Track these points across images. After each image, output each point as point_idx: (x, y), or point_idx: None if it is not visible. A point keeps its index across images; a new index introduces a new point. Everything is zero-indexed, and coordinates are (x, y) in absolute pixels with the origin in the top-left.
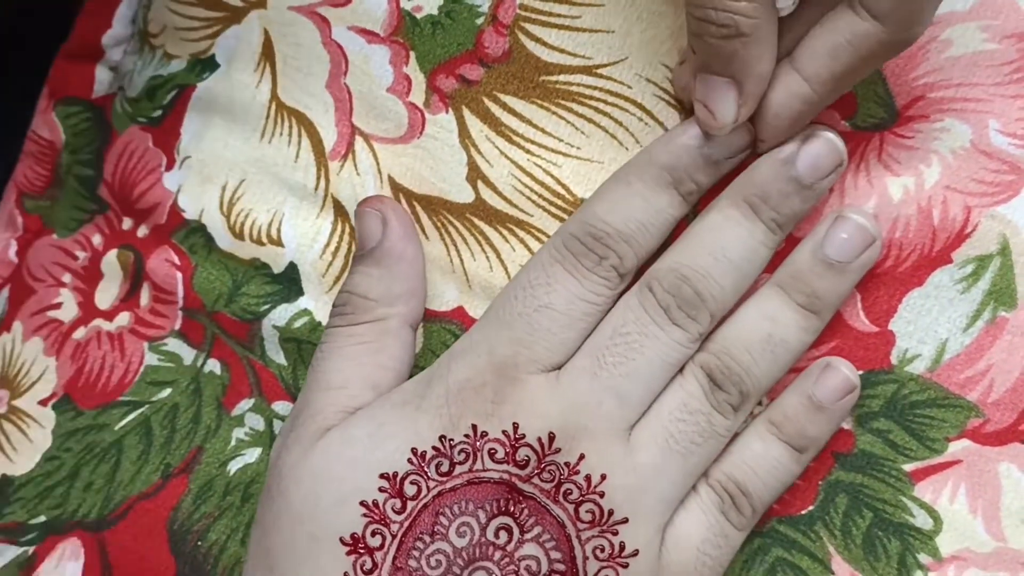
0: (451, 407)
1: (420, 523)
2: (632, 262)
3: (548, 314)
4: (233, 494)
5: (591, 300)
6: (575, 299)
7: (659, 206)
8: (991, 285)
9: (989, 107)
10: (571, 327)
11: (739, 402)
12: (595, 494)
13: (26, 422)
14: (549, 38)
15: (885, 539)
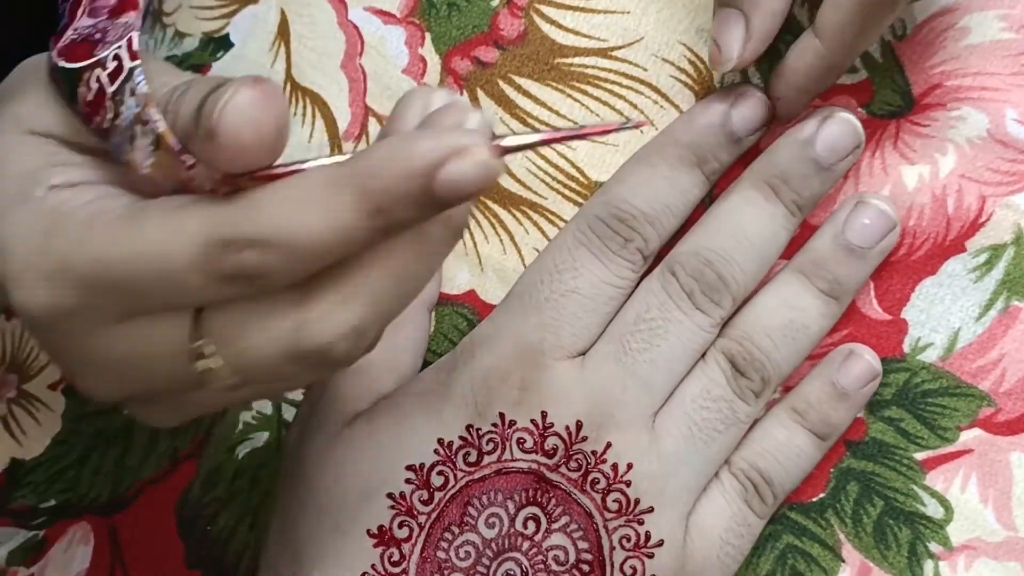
0: (477, 396)
1: (448, 514)
2: (656, 244)
3: (575, 299)
4: (242, 479)
5: (616, 284)
6: (601, 283)
7: (683, 187)
8: (1005, 274)
9: (1006, 96)
10: (596, 311)
11: (760, 388)
12: (622, 483)
13: (36, 406)
14: (564, 20)
15: (896, 527)
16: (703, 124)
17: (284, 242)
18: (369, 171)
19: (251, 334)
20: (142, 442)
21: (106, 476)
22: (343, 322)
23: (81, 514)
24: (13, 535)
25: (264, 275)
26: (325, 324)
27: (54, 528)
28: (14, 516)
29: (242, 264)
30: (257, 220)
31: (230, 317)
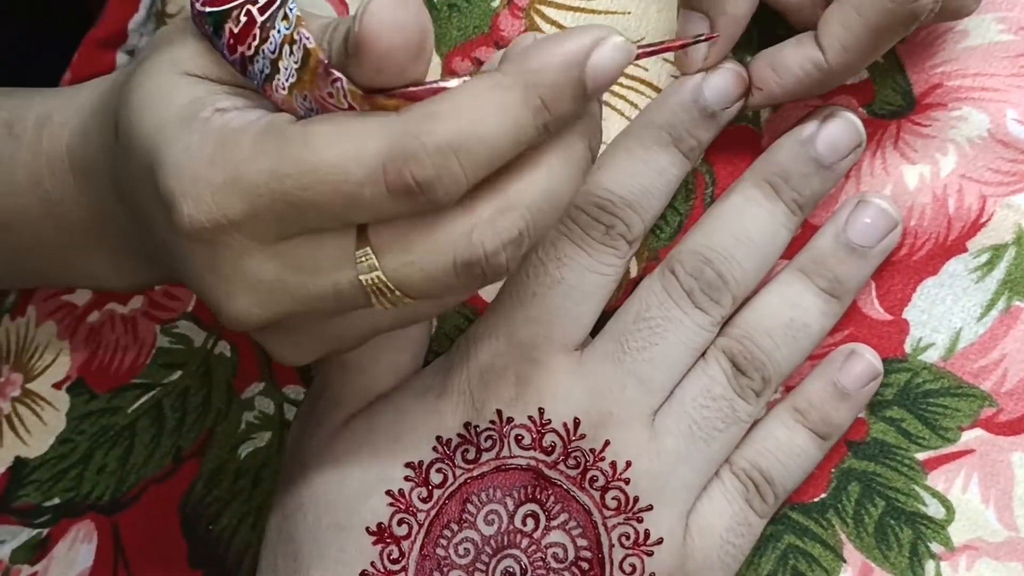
0: (474, 393)
1: (447, 511)
2: (639, 228)
3: (562, 290)
4: (244, 478)
5: (602, 272)
6: (587, 272)
7: (660, 167)
8: (1006, 275)
9: (1007, 96)
10: (585, 301)
11: (761, 387)
12: (620, 481)
13: (40, 405)
14: (565, 20)
15: (897, 528)
16: (675, 102)
17: (464, 147)
18: (531, 69)
19: (418, 247)
20: (145, 441)
21: (109, 475)
22: (507, 230)
23: (84, 512)
24: (17, 533)
25: (439, 186)
26: (490, 232)
27: (58, 526)
28: (18, 514)
29: (419, 176)
30: (436, 130)
31: (396, 231)
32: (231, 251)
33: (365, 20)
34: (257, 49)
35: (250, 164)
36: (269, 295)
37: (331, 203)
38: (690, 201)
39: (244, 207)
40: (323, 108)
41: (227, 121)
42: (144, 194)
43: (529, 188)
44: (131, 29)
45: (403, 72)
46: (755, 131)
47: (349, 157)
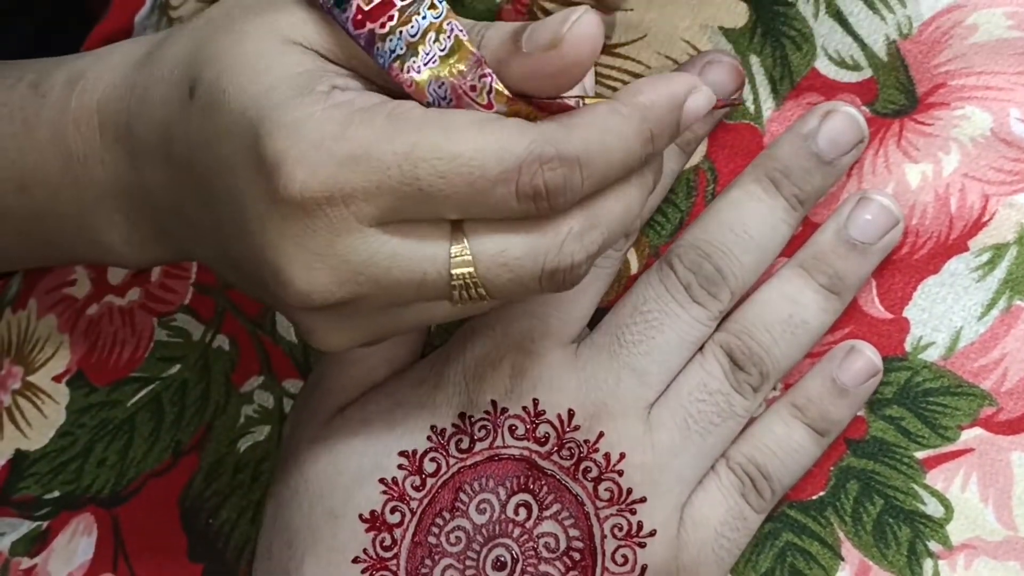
0: (469, 384)
1: (440, 500)
2: (636, 221)
3: None
4: (243, 472)
5: (599, 264)
6: None
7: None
8: (1007, 274)
9: (1011, 96)
10: (581, 294)
11: (759, 383)
12: (614, 472)
13: (40, 398)
14: None
15: (896, 526)
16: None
17: (589, 162)
18: (644, 103)
19: (514, 250)
20: (144, 434)
21: (109, 468)
22: (592, 244)
23: (84, 505)
24: (17, 526)
25: (561, 194)
26: (578, 245)
27: (57, 519)
28: (18, 507)
29: (549, 182)
30: (571, 141)
31: (495, 232)
32: (330, 225)
33: (575, 29)
34: (393, 29)
35: (383, 143)
36: (352, 275)
37: (459, 195)
38: (691, 198)
39: (366, 184)
40: (457, 99)
41: (350, 99)
42: (225, 154)
43: (612, 209)
44: (137, 23)
45: (561, 85)
46: (757, 128)
47: (490, 153)
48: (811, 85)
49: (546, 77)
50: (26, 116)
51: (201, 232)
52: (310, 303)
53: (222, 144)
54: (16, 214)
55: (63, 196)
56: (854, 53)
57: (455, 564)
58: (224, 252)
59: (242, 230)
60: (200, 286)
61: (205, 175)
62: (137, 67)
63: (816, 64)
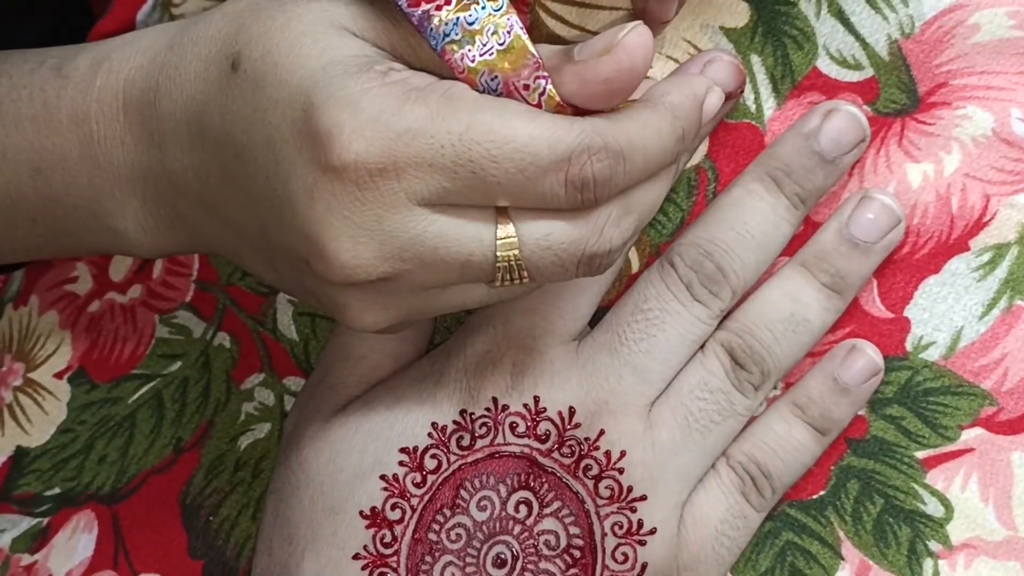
0: (470, 380)
1: (440, 497)
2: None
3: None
4: (244, 469)
5: None
6: None
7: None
8: (1008, 274)
9: (1012, 96)
10: (582, 292)
11: (760, 382)
12: (614, 470)
13: (42, 395)
14: (569, 16)
15: (896, 526)
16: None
17: (632, 157)
18: (675, 103)
19: (558, 235)
20: (145, 431)
21: (110, 465)
22: (627, 229)
23: (85, 502)
24: (17, 522)
25: (606, 185)
26: (616, 231)
27: (58, 516)
28: (18, 503)
29: (597, 173)
30: (617, 136)
31: (541, 217)
32: (380, 199)
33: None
34: (450, 14)
35: (439, 123)
36: (398, 251)
37: (510, 181)
38: (692, 197)
39: (419, 160)
40: (507, 94)
41: (407, 78)
42: (271, 126)
43: (645, 197)
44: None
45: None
46: (758, 128)
47: (543, 141)
48: (812, 84)
49: (599, 83)
50: (46, 98)
51: (225, 215)
52: (352, 278)
53: (268, 116)
54: (30, 199)
55: (80, 180)
56: (856, 52)
57: (455, 561)
58: (251, 234)
59: (283, 205)
60: (202, 283)
61: (244, 149)
62: (167, 47)
63: (817, 63)
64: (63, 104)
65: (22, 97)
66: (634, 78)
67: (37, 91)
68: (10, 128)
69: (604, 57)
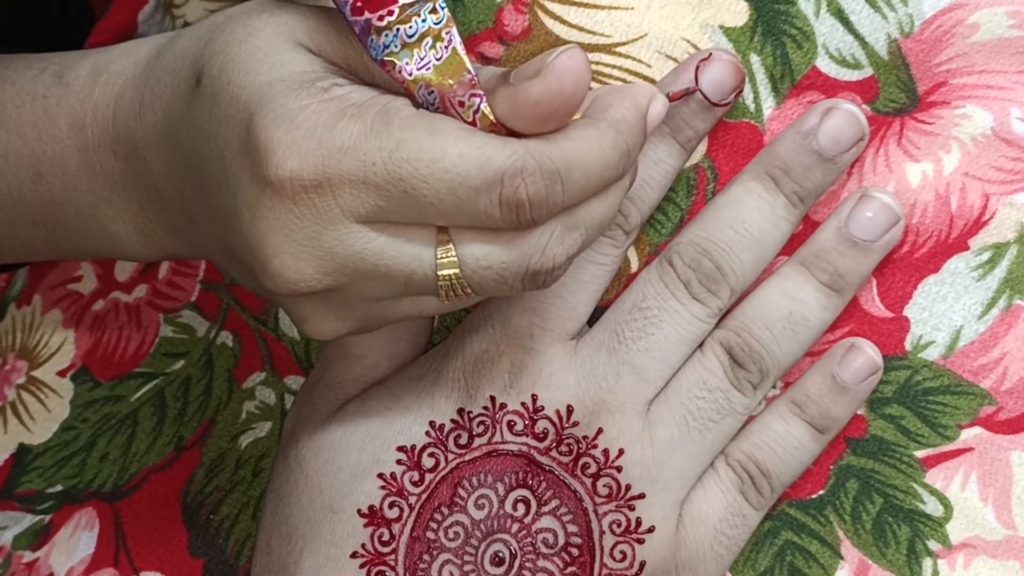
0: (468, 379)
1: (438, 495)
2: (636, 218)
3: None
4: (244, 468)
5: (599, 261)
6: (583, 261)
7: (658, 157)
8: (1007, 273)
9: (1011, 95)
10: (581, 290)
11: (758, 380)
12: (612, 468)
13: (44, 392)
14: (568, 16)
15: (895, 525)
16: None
17: (569, 176)
18: (617, 119)
19: (498, 253)
20: (147, 430)
21: (112, 463)
22: (572, 245)
23: (87, 500)
24: (19, 519)
25: (542, 206)
26: (560, 247)
27: (60, 513)
28: (21, 500)
29: (532, 195)
30: (552, 156)
31: (480, 235)
32: (317, 215)
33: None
34: (391, 25)
35: (371, 140)
36: (338, 267)
37: (442, 201)
38: (692, 196)
39: (352, 177)
40: (444, 109)
41: (346, 94)
42: (222, 142)
43: (591, 211)
44: (141, 20)
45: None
46: (757, 127)
47: (472, 162)
48: (812, 83)
49: (529, 106)
50: (47, 105)
51: (199, 223)
52: (296, 290)
53: (220, 132)
54: (31, 203)
55: (79, 186)
56: (855, 51)
57: (453, 559)
58: (220, 242)
59: (234, 218)
60: (207, 283)
61: (204, 164)
62: (155, 59)
63: (817, 62)
64: (63, 112)
65: (24, 103)
66: (565, 101)
67: (39, 97)
68: (12, 134)
69: (534, 80)
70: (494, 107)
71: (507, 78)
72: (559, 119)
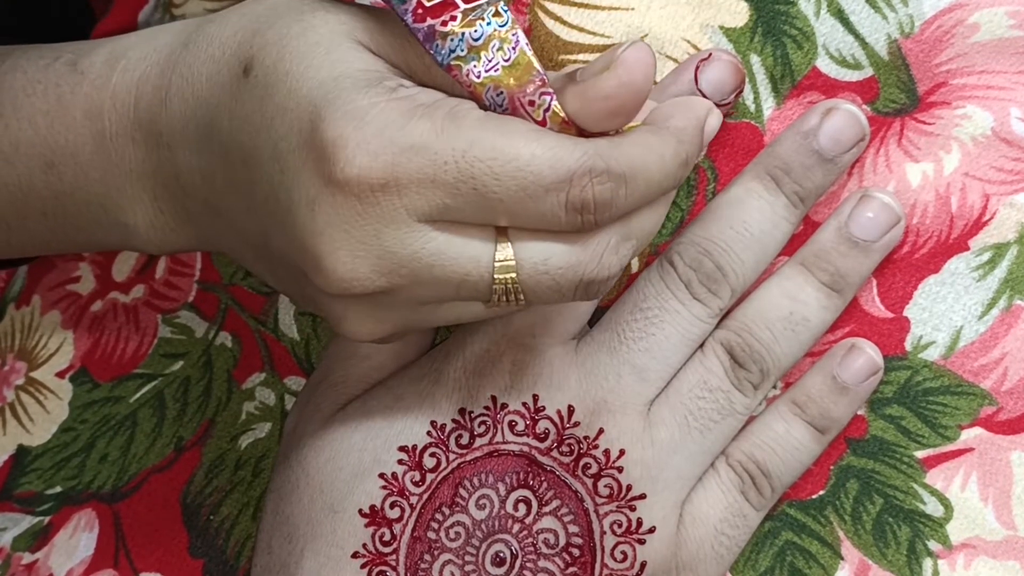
0: (469, 379)
1: (440, 495)
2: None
3: None
4: (244, 469)
5: None
6: None
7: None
8: (1007, 273)
9: (1012, 95)
10: None
11: (759, 380)
12: (613, 469)
13: (43, 394)
14: (568, 17)
15: (895, 525)
16: (673, 93)
17: (633, 181)
18: (679, 127)
19: (556, 260)
20: (147, 431)
21: (111, 464)
22: (625, 256)
23: (86, 501)
24: (19, 521)
25: (606, 209)
26: (615, 258)
27: (59, 514)
28: (20, 502)
29: (598, 196)
30: (620, 159)
31: (539, 241)
32: (381, 214)
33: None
34: (455, 30)
35: (443, 139)
36: (395, 267)
37: (511, 199)
38: (692, 197)
39: (421, 176)
40: (513, 110)
41: (414, 94)
42: (278, 134)
43: (644, 223)
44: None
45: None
46: (758, 127)
47: (545, 160)
48: (812, 84)
49: (600, 100)
50: (61, 93)
51: (229, 218)
52: (349, 290)
53: (276, 124)
54: (42, 193)
55: (92, 175)
56: (855, 52)
57: (454, 559)
58: (254, 239)
59: (284, 214)
60: (204, 283)
61: (250, 156)
62: (183, 45)
63: (817, 63)
64: (78, 100)
65: (36, 92)
66: (635, 94)
67: (52, 86)
68: (24, 122)
69: (604, 74)
70: (564, 105)
71: (574, 77)
72: (628, 114)
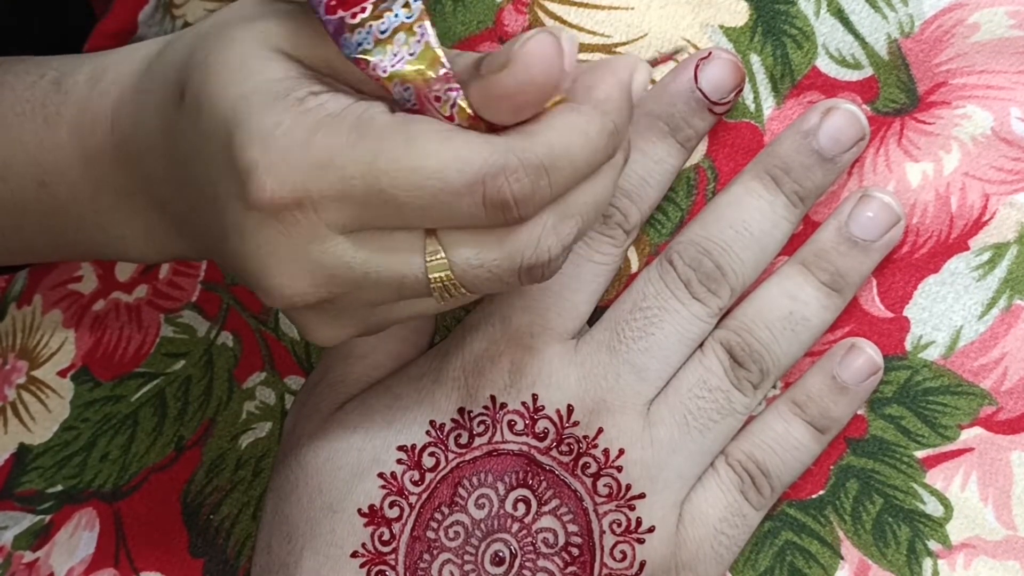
0: (468, 379)
1: (439, 495)
2: (636, 217)
3: (557, 278)
4: (244, 468)
5: (599, 260)
6: (583, 260)
7: (658, 156)
8: (1007, 273)
9: (1012, 95)
10: (581, 289)
11: (759, 380)
12: (613, 468)
13: (45, 392)
14: (568, 16)
15: (895, 525)
16: (672, 92)
17: (554, 167)
18: (601, 99)
19: (489, 251)
20: (148, 430)
21: (112, 463)
22: (567, 235)
23: (87, 500)
24: (20, 519)
25: (530, 202)
26: (554, 238)
27: (60, 513)
28: (21, 500)
29: (516, 192)
30: (534, 150)
31: (469, 235)
32: (301, 231)
33: (527, 46)
34: (363, 22)
35: (348, 153)
36: (328, 279)
37: (424, 207)
38: (692, 196)
39: (333, 192)
40: (420, 104)
41: (322, 103)
42: (208, 159)
43: (584, 196)
44: (141, 21)
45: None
46: (758, 127)
47: (451, 166)
48: (812, 84)
49: (500, 99)
50: (47, 114)
51: (196, 233)
52: (291, 304)
53: (204, 150)
54: (37, 208)
55: (83, 192)
56: (855, 51)
57: (453, 559)
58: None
59: (224, 239)
60: (208, 283)
61: (194, 180)
62: (148, 68)
63: (817, 63)
64: (63, 120)
65: (25, 111)
66: (537, 91)
67: (39, 106)
68: (14, 142)
69: (502, 73)
70: (470, 99)
71: (479, 69)
72: (535, 107)
